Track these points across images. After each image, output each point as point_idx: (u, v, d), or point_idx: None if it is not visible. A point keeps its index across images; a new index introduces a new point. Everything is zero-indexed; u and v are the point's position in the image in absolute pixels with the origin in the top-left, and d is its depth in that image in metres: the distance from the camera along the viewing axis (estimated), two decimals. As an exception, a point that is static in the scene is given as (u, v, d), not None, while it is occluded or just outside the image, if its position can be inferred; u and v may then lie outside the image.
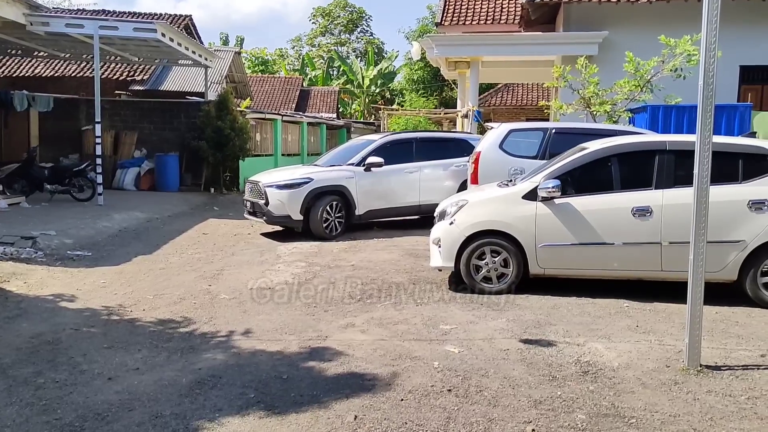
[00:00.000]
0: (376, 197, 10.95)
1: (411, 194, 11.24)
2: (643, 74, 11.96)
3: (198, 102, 18.26)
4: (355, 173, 10.78)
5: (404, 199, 11.22)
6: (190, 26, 25.28)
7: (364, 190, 10.80)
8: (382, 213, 11.22)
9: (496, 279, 6.79)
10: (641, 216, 6.41)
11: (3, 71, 22.80)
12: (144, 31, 13.90)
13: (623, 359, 4.81)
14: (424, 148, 11.60)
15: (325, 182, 10.57)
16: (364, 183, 10.80)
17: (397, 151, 11.37)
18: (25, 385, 4.29)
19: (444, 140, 12.31)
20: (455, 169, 11.51)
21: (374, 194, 10.92)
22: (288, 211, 10.26)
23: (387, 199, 11.09)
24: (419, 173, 11.30)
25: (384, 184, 11.03)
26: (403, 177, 11.20)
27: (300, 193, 10.26)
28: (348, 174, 10.76)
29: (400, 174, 11.18)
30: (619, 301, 6.41)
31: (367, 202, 10.84)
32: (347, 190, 10.64)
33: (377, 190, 10.96)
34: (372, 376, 4.47)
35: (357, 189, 10.73)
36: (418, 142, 11.70)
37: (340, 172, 10.82)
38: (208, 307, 6.28)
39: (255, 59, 51.41)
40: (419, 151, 11.49)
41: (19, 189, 13.38)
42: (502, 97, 32.67)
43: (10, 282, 7.21)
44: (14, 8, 12.02)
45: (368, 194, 10.84)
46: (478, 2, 21.27)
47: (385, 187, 11.04)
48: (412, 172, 11.26)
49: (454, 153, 11.71)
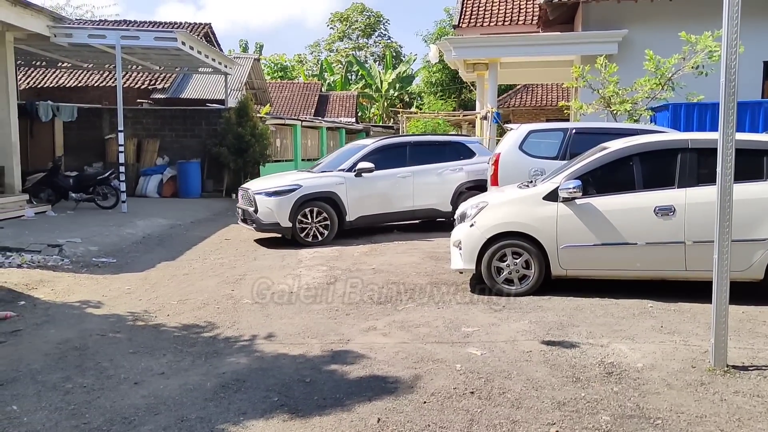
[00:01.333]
0: (367, 203, 10.85)
1: (404, 199, 11.10)
2: (663, 72, 11.85)
3: (218, 109, 18.45)
4: (345, 179, 10.72)
5: (397, 204, 11.08)
6: (210, 34, 25.56)
7: (355, 196, 10.71)
8: (374, 219, 11.11)
9: (518, 281, 6.76)
10: (664, 215, 6.35)
11: (28, 82, 23.24)
12: (164, 40, 14.10)
13: (648, 360, 4.76)
14: (418, 152, 11.42)
15: (314, 189, 10.52)
16: (355, 189, 10.72)
17: (389, 156, 11.26)
18: (54, 390, 4.37)
19: (439, 144, 12.06)
20: (451, 172, 11.37)
21: (365, 200, 10.83)
22: (277, 219, 10.24)
23: (379, 204, 10.98)
24: (412, 178, 11.12)
25: (375, 190, 10.92)
26: (396, 182, 11.06)
27: (289, 200, 10.25)
28: (338, 180, 10.71)
29: (393, 179, 11.05)
30: (643, 302, 6.34)
31: (358, 208, 10.76)
32: (337, 196, 10.56)
33: (368, 196, 10.86)
34: (394, 378, 4.48)
35: (347, 195, 10.64)
36: (411, 146, 11.55)
37: (330, 179, 10.76)
38: (231, 312, 6.34)
39: (274, 65, 51.80)
40: (413, 156, 11.32)
41: (45, 198, 13.62)
42: (522, 98, 32.51)
43: (38, 289, 7.34)
44: (39, 20, 12.25)
45: (359, 200, 10.75)
46: (495, 4, 21.22)
47: (376, 192, 10.93)
48: (404, 177, 11.09)
49: (450, 156, 11.55)
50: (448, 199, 11.24)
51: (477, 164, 11.47)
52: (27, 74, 23.25)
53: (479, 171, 11.33)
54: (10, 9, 11.22)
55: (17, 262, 8.39)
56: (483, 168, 11.27)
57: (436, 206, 11.32)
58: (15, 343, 5.43)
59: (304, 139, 22.30)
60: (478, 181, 11.28)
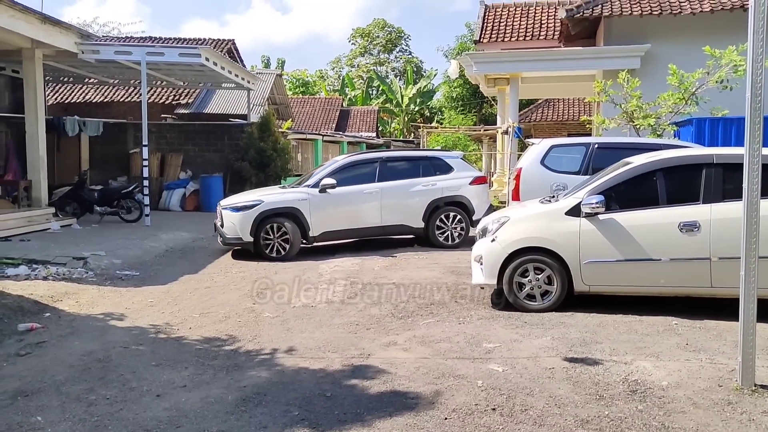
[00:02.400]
0: (332, 219, 10.79)
1: (371, 215, 10.97)
2: (687, 87, 11.77)
3: (241, 124, 18.65)
4: (309, 195, 10.72)
5: (364, 220, 10.98)
6: (233, 50, 25.87)
7: (319, 211, 10.69)
8: (339, 234, 11.07)
9: (540, 296, 6.70)
10: (689, 231, 6.27)
11: (56, 98, 23.69)
12: (189, 56, 14.32)
13: (673, 378, 4.68)
14: (389, 168, 11.26)
15: (275, 205, 10.61)
16: (319, 205, 10.69)
17: (358, 171, 11.20)
18: (78, 402, 4.41)
19: (414, 159, 11.80)
20: (423, 188, 11.15)
21: (330, 216, 10.76)
22: (239, 233, 10.43)
23: (345, 220, 10.89)
24: (380, 194, 10.97)
25: (340, 206, 10.84)
26: (362, 198, 10.94)
27: (250, 216, 10.40)
28: (301, 196, 10.74)
29: (359, 195, 10.94)
30: (668, 319, 6.25)
31: (321, 223, 10.72)
32: (299, 212, 10.58)
33: (333, 212, 10.79)
34: (415, 394, 4.45)
35: (310, 211, 10.63)
36: (383, 161, 11.37)
37: (293, 195, 10.85)
38: (253, 326, 6.37)
39: (296, 81, 52.26)
40: (384, 172, 11.16)
41: (71, 211, 13.83)
42: (543, 113, 32.42)
43: (63, 301, 7.44)
44: (67, 38, 12.52)
45: (323, 216, 10.71)
46: (516, 19, 21.27)
47: (341, 208, 10.85)
48: (371, 193, 10.96)
49: (425, 172, 11.32)
50: (419, 216, 11.09)
51: (453, 180, 11.30)
52: (55, 90, 23.70)
53: (455, 187, 11.22)
54: (40, 27, 11.49)
55: (43, 275, 8.52)
56: (459, 184, 11.22)
57: (407, 222, 11.15)
58: (40, 355, 5.51)
59: (325, 153, 22.44)
60: (454, 197, 11.19)
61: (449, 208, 11.21)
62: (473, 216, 11.23)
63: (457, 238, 11.18)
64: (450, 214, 11.19)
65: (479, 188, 11.53)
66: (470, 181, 11.40)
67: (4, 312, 6.65)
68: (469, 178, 11.42)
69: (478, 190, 11.49)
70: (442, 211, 11.19)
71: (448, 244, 11.12)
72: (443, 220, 11.18)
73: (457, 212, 11.21)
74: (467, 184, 11.33)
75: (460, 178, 11.31)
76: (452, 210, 11.20)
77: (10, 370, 5.13)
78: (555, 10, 20.51)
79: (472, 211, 11.26)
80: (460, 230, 11.21)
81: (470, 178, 11.43)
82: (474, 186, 11.40)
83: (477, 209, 11.27)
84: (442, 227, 11.19)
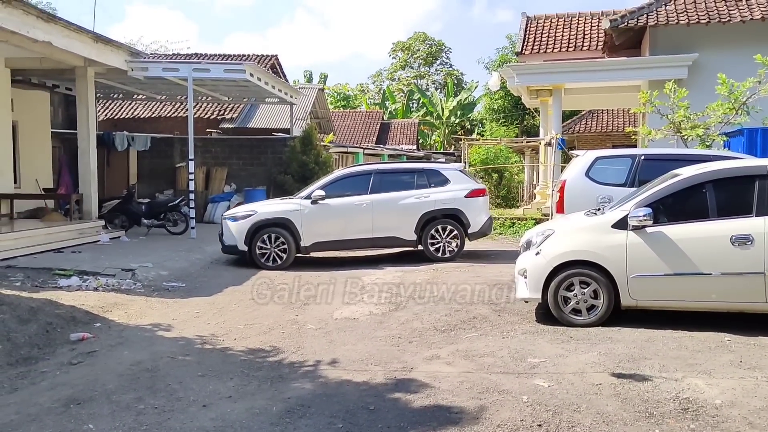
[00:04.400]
0: (323, 230, 10.99)
1: (363, 227, 11.02)
2: (737, 96, 11.47)
3: (284, 138, 18.91)
4: (301, 206, 11.02)
5: (355, 232, 11.05)
6: (276, 65, 26.30)
7: (310, 222, 10.91)
8: (330, 245, 11.26)
9: (586, 311, 6.58)
10: (741, 245, 6.08)
11: (106, 114, 24.44)
12: (234, 72, 14.60)
13: (726, 396, 4.53)
14: (383, 180, 11.30)
15: (268, 215, 11.06)
16: (311, 216, 10.93)
17: (352, 184, 11.35)
18: (127, 411, 4.50)
19: (408, 171, 11.85)
20: (415, 200, 11.11)
21: (321, 227, 10.98)
22: (235, 242, 10.96)
23: (336, 231, 11.04)
24: (371, 206, 11.03)
25: (332, 217, 11.02)
26: (353, 210, 11.04)
27: (244, 225, 10.92)
28: (294, 207, 11.04)
29: (350, 207, 11.06)
30: (720, 335, 6.06)
31: (313, 234, 10.94)
32: (291, 222, 10.88)
33: (324, 223, 10.99)
34: (459, 409, 4.42)
35: (302, 221, 10.89)
36: (377, 174, 11.40)
37: (287, 206, 11.22)
38: (296, 337, 6.41)
39: (337, 95, 52.80)
40: (377, 184, 11.21)
41: (119, 224, 14.19)
42: (587, 124, 31.95)
43: (113, 311, 7.63)
44: (118, 56, 12.92)
45: (314, 227, 10.94)
46: (558, 30, 21.10)
47: (333, 220, 11.02)
48: (363, 205, 11.03)
49: (420, 184, 11.28)
50: (411, 228, 11.03)
51: (448, 192, 11.20)
52: (105, 106, 24.46)
53: (449, 200, 11.12)
54: (93, 46, 11.88)
55: (94, 285, 8.76)
56: (454, 196, 11.12)
57: (399, 235, 11.13)
58: (91, 364, 5.65)
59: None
60: (448, 210, 11.09)
61: (443, 221, 11.10)
62: (469, 229, 11.17)
63: (449, 252, 11.07)
64: (444, 227, 11.10)
65: (476, 200, 11.35)
66: (466, 193, 11.24)
67: (57, 322, 6.85)
68: (465, 191, 11.27)
69: (475, 202, 11.32)
70: (437, 224, 11.09)
71: (442, 257, 11.01)
72: (439, 232, 11.10)
73: (451, 225, 11.10)
74: (463, 196, 11.19)
75: (456, 191, 11.22)
76: (447, 222, 11.10)
77: (63, 378, 5.28)
78: (598, 20, 20.28)
79: (468, 224, 11.14)
80: (455, 244, 11.10)
81: (466, 191, 11.28)
82: (470, 198, 11.24)
83: (473, 222, 11.18)
84: (437, 240, 11.11)
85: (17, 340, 6.16)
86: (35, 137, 15.14)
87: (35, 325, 6.59)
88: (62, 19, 10.81)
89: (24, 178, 14.55)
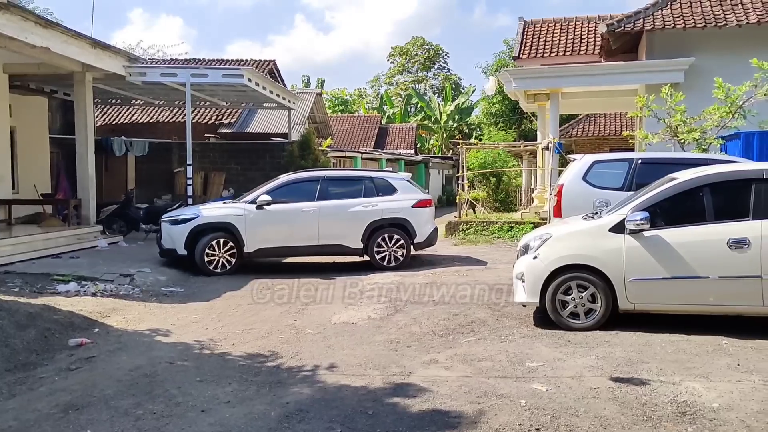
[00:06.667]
0: (267, 236, 10.78)
1: (308, 234, 10.86)
2: (734, 100, 11.51)
3: (282, 143, 18.94)
4: (245, 211, 10.75)
5: (300, 238, 10.87)
6: (274, 70, 26.31)
7: (254, 228, 10.69)
8: (274, 251, 11.11)
9: (584, 315, 6.59)
10: (738, 248, 6.10)
11: (104, 119, 24.44)
12: (231, 77, 14.65)
13: (724, 400, 4.54)
14: (330, 187, 11.19)
15: (210, 219, 10.75)
16: (255, 221, 10.70)
17: (299, 190, 11.17)
18: (126, 416, 4.50)
19: (356, 179, 11.62)
20: (362, 209, 11.03)
21: (265, 233, 10.77)
22: (174, 245, 10.67)
23: (280, 237, 10.85)
24: (318, 213, 10.88)
25: (276, 223, 10.80)
26: (299, 216, 10.86)
27: (184, 229, 10.63)
28: (238, 211, 10.79)
29: (296, 213, 10.88)
30: (717, 338, 6.07)
31: (257, 240, 10.73)
32: (234, 227, 10.65)
33: (269, 229, 10.78)
34: (457, 413, 4.42)
35: (246, 227, 10.66)
36: (324, 181, 11.25)
37: (230, 210, 10.93)
38: (294, 342, 6.42)
39: (335, 99, 52.89)
40: (324, 191, 11.06)
41: (118, 229, 14.19)
42: (584, 128, 32.01)
43: (111, 317, 7.63)
44: (116, 61, 12.94)
45: (258, 232, 10.72)
46: (555, 35, 21.16)
47: (277, 225, 10.81)
48: (309, 212, 10.87)
49: (367, 192, 11.20)
50: (358, 237, 10.95)
51: (395, 201, 11.17)
52: (103, 111, 24.46)
53: (396, 209, 11.09)
54: (90, 51, 11.91)
55: (92, 291, 8.75)
56: (401, 206, 11.10)
57: (345, 243, 11.02)
58: (90, 369, 5.65)
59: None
60: (395, 219, 11.06)
61: (390, 230, 11.05)
62: (415, 239, 11.14)
63: (394, 261, 11.01)
64: (391, 236, 11.05)
65: (423, 210, 11.35)
66: (414, 203, 11.24)
67: (55, 327, 6.85)
68: (412, 200, 11.27)
69: (422, 212, 11.31)
70: (383, 233, 11.03)
71: (387, 266, 10.94)
72: (386, 240, 11.04)
73: (398, 234, 11.05)
74: (410, 206, 11.17)
75: (403, 200, 11.20)
76: (393, 232, 11.05)
77: (62, 383, 5.28)
78: (595, 25, 20.33)
79: (414, 233, 11.12)
80: (400, 253, 11.04)
81: (414, 201, 11.28)
82: (417, 208, 11.23)
83: (419, 232, 11.17)
84: (383, 248, 11.05)
85: (15, 345, 6.16)
86: (33, 143, 15.15)
87: (33, 330, 6.59)
88: (60, 25, 10.85)
89: (22, 184, 14.55)
